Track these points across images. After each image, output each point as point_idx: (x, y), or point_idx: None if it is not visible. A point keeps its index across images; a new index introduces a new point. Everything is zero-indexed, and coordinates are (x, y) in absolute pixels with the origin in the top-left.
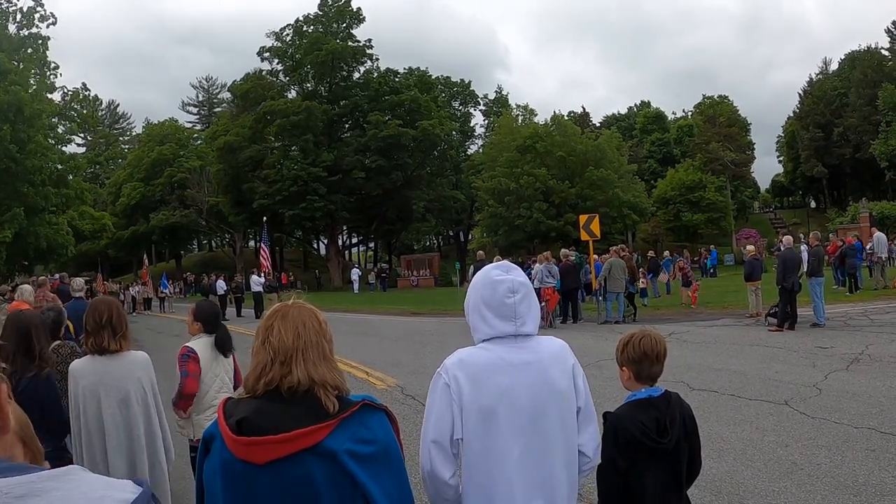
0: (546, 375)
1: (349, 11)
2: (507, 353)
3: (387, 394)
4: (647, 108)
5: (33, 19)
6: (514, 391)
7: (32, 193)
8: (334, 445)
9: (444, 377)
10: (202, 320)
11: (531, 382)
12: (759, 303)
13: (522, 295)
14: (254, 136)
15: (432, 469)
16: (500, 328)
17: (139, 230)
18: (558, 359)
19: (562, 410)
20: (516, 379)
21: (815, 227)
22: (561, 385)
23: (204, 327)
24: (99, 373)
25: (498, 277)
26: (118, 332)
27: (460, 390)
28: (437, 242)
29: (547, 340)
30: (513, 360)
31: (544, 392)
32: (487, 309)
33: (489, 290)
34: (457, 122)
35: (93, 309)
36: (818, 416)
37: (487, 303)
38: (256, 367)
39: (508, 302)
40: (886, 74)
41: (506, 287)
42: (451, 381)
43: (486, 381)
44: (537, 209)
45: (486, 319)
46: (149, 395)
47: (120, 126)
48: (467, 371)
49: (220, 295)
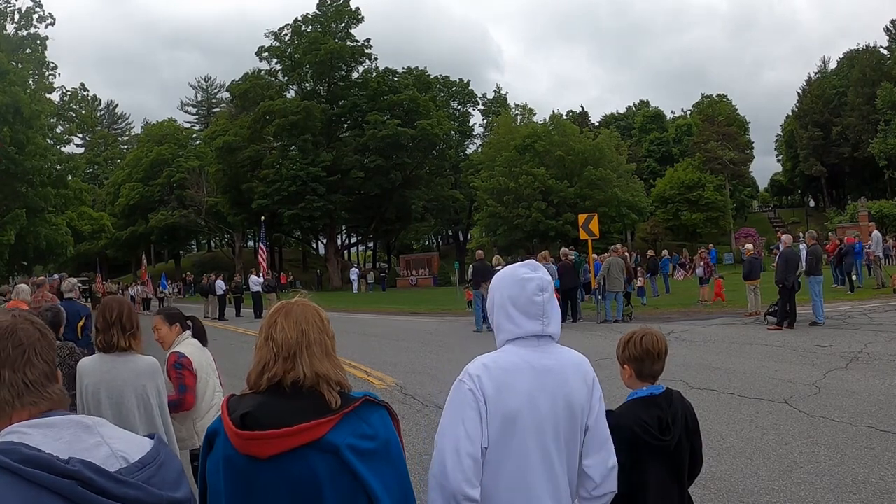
0: (565, 384)
1: (348, 11)
2: (531, 357)
3: (386, 393)
4: (646, 107)
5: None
6: (535, 396)
7: (32, 194)
8: (336, 440)
9: (467, 384)
10: (178, 320)
11: (552, 389)
12: (759, 302)
13: (549, 294)
14: (252, 135)
15: (453, 482)
16: (527, 327)
17: (138, 230)
18: (579, 370)
19: (574, 423)
20: (538, 384)
21: (813, 226)
22: (577, 396)
23: (182, 326)
24: (102, 372)
25: (526, 276)
26: (128, 331)
27: (486, 396)
28: (436, 242)
29: (569, 351)
30: (535, 365)
31: (560, 401)
32: (514, 308)
33: (517, 288)
34: (455, 122)
35: (104, 307)
36: (817, 415)
37: (515, 301)
38: (259, 362)
39: (538, 300)
40: (885, 73)
41: (535, 285)
42: (475, 388)
43: (511, 386)
44: (536, 208)
45: (512, 319)
46: (153, 403)
47: (118, 126)
48: (492, 377)
49: (220, 295)
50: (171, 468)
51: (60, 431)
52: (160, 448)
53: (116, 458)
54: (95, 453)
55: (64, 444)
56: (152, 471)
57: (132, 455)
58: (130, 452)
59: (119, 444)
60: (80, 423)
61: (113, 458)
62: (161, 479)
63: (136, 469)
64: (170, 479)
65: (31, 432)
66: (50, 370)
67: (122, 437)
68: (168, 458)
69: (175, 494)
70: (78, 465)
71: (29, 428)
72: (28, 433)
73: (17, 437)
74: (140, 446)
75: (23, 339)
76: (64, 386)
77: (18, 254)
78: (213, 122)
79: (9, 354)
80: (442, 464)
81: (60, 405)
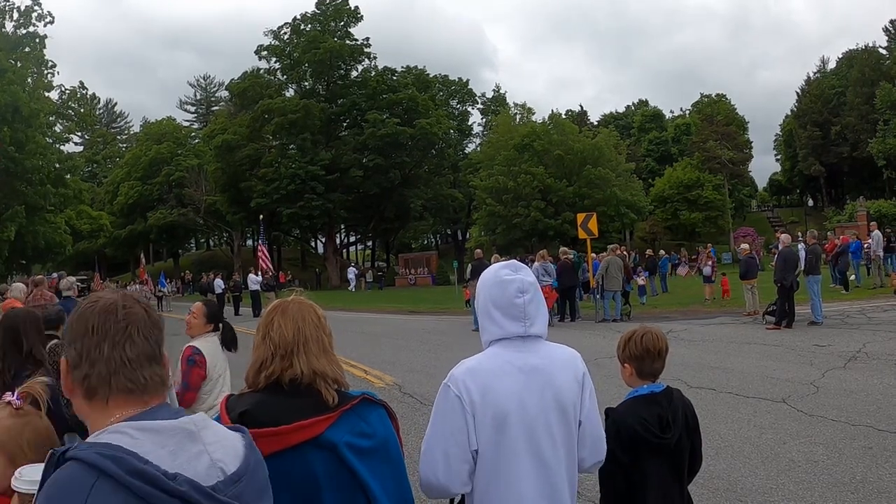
0: (554, 383)
1: (347, 10)
2: (516, 358)
3: (385, 392)
4: (645, 106)
5: (31, 18)
6: (523, 397)
7: (31, 193)
8: (335, 438)
9: (453, 389)
10: (214, 319)
11: (540, 388)
12: (757, 301)
13: (532, 295)
14: (251, 134)
15: (442, 483)
16: (510, 329)
17: (137, 229)
18: (568, 367)
19: (567, 420)
20: (525, 384)
21: (812, 226)
22: (568, 394)
23: (214, 326)
24: None
25: (507, 277)
26: None
27: (472, 400)
28: (434, 241)
29: (557, 348)
30: (521, 366)
31: (550, 400)
32: (496, 309)
33: (498, 289)
34: (454, 121)
35: None
36: (816, 414)
37: (496, 303)
38: (256, 361)
39: (518, 302)
40: (884, 73)
41: (515, 287)
42: (461, 392)
43: (496, 389)
44: (535, 208)
45: (494, 320)
46: None
47: (117, 125)
48: (476, 380)
49: (218, 294)
50: (259, 476)
51: (167, 439)
52: (251, 454)
53: (215, 468)
54: (197, 465)
55: (168, 452)
56: (244, 483)
57: (229, 465)
58: (227, 462)
59: (218, 451)
60: (185, 430)
61: (213, 470)
62: (252, 490)
63: (231, 482)
64: (257, 488)
65: (140, 438)
66: (151, 350)
67: (220, 440)
68: (255, 465)
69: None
70: (185, 486)
71: (137, 432)
72: (137, 439)
73: (126, 440)
74: (235, 452)
75: (126, 316)
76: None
77: (17, 252)
78: (212, 120)
79: (109, 329)
80: (433, 470)
81: (158, 390)
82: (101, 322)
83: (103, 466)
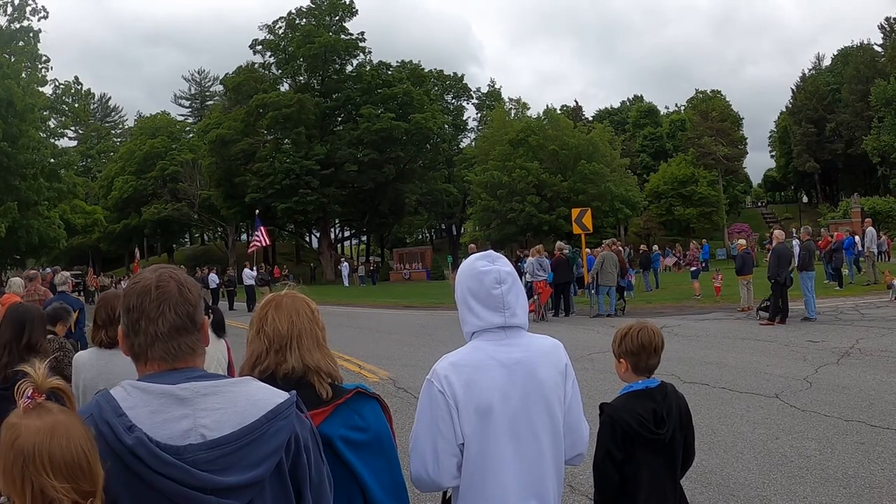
0: (536, 375)
1: (342, 5)
2: (498, 352)
3: (379, 386)
4: (640, 102)
5: (25, 12)
6: (506, 391)
7: (25, 187)
8: (329, 431)
9: (436, 385)
10: (206, 310)
11: (522, 381)
12: (751, 297)
13: (509, 285)
14: (246, 129)
15: (433, 477)
16: (490, 319)
17: (131, 224)
18: (550, 358)
19: (551, 411)
20: (508, 378)
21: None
22: (550, 385)
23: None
24: (100, 366)
25: (484, 268)
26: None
27: (455, 395)
28: (429, 236)
29: (539, 338)
30: (503, 360)
31: (533, 392)
32: (475, 300)
33: (475, 281)
34: (449, 116)
35: (105, 302)
36: (808, 410)
37: (475, 294)
38: (251, 355)
39: (495, 293)
40: (879, 70)
41: (492, 278)
42: (444, 388)
43: (478, 383)
44: (529, 202)
45: (473, 311)
46: None
47: (111, 119)
48: (459, 375)
49: (213, 288)
50: (263, 446)
51: (152, 399)
52: (270, 421)
53: (195, 433)
54: (174, 427)
55: (149, 411)
56: (227, 449)
57: (219, 430)
58: (218, 427)
59: (210, 417)
60: (174, 394)
61: (191, 433)
62: (240, 457)
63: (206, 447)
64: (250, 460)
65: (132, 394)
66: (182, 323)
67: (224, 407)
68: (271, 433)
69: (227, 479)
70: (133, 440)
71: (132, 388)
72: (130, 394)
73: (122, 393)
74: (241, 418)
75: (159, 296)
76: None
77: (11, 247)
78: (206, 115)
79: (145, 308)
80: (423, 465)
81: (188, 356)
82: (139, 302)
83: (93, 409)
